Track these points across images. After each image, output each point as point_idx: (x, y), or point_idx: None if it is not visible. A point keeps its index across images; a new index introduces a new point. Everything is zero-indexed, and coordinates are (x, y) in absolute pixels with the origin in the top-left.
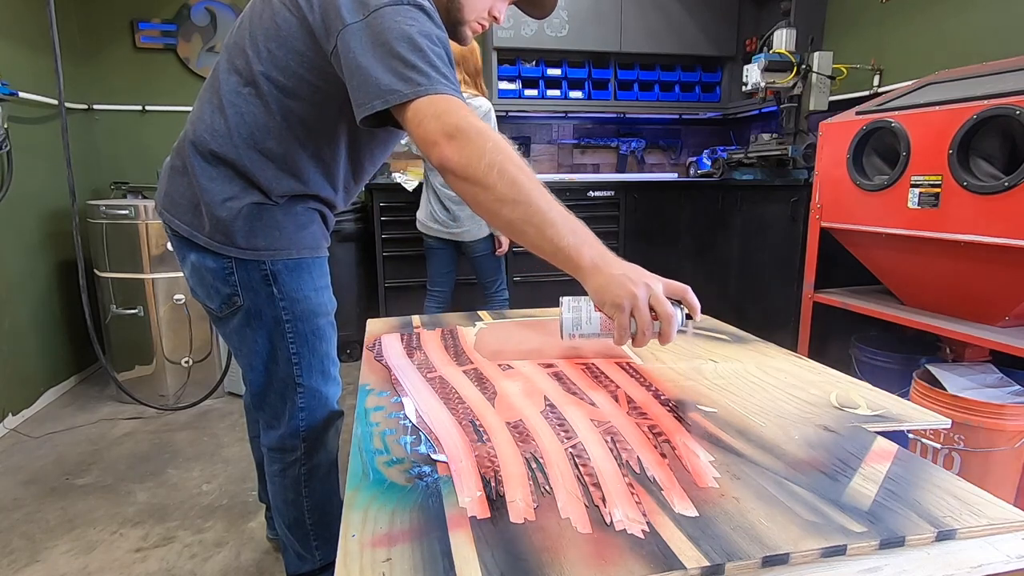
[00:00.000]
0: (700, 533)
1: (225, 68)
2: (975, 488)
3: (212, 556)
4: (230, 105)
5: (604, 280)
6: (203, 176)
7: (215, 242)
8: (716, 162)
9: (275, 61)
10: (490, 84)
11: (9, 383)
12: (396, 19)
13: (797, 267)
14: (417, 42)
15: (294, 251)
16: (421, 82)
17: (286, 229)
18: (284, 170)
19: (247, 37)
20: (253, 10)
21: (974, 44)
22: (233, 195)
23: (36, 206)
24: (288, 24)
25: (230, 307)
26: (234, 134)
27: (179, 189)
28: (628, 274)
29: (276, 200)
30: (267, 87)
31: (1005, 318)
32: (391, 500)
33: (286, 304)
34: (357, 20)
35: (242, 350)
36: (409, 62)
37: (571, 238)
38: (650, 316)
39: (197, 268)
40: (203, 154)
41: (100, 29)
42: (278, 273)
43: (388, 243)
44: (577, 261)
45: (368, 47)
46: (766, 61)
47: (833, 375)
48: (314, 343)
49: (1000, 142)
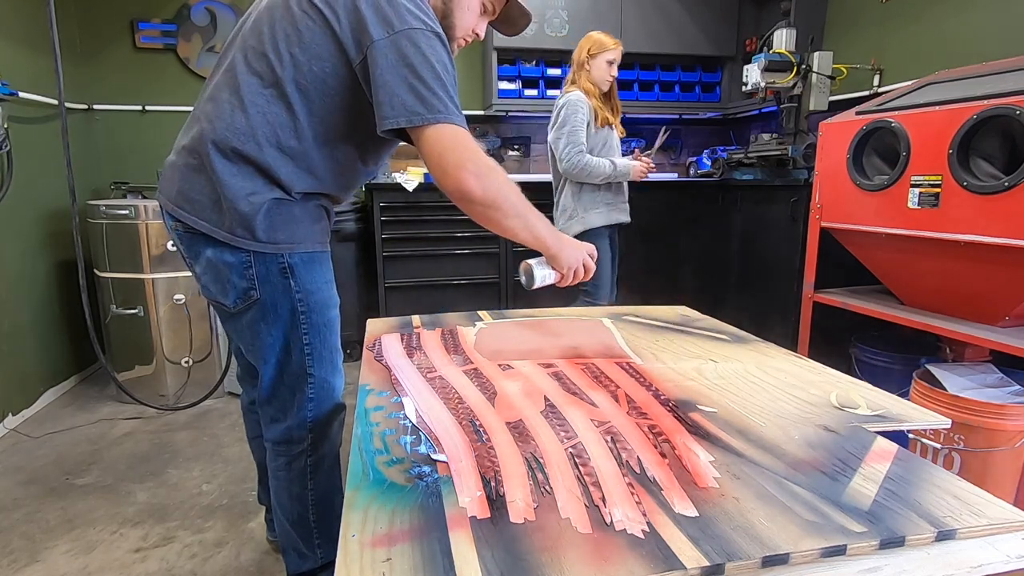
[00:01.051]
0: (700, 533)
1: (244, 70)
2: (975, 488)
3: (212, 556)
4: (252, 105)
5: (564, 255)
6: (225, 173)
7: (236, 236)
8: (716, 162)
9: (298, 66)
10: (490, 84)
11: (9, 383)
12: (420, 43)
13: (797, 267)
14: (437, 70)
15: (308, 244)
16: (440, 109)
17: (303, 223)
18: (303, 168)
19: (267, 41)
20: (272, 14)
21: (974, 44)
22: (255, 190)
23: (36, 206)
24: (311, 32)
25: (246, 301)
26: (256, 132)
27: (196, 187)
28: (575, 246)
29: (295, 196)
30: (290, 89)
31: (1005, 318)
32: (391, 500)
33: (302, 296)
34: (383, 37)
35: (255, 344)
36: (431, 88)
37: (545, 231)
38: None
39: (213, 263)
40: (224, 151)
41: (100, 29)
42: (295, 266)
43: (388, 243)
44: (547, 244)
45: (395, 65)
46: (766, 61)
47: (833, 375)
48: (326, 334)
49: (1000, 142)
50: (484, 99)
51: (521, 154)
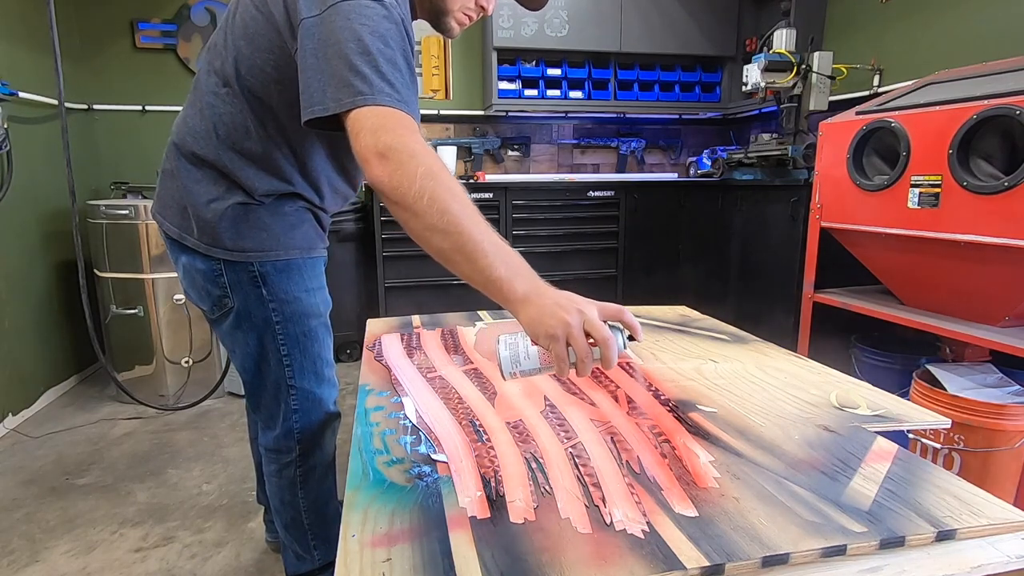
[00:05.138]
0: (700, 533)
1: (205, 69)
2: (975, 488)
3: (212, 556)
4: (208, 106)
5: (536, 311)
6: (188, 178)
7: (203, 244)
8: (716, 162)
9: (244, 60)
10: (490, 84)
11: (9, 383)
12: (350, 17)
13: (797, 267)
14: (367, 44)
15: (282, 252)
16: (363, 91)
17: (273, 230)
18: (265, 169)
19: (223, 38)
20: (229, 10)
21: (974, 44)
22: (217, 196)
23: (36, 206)
24: (255, 22)
25: (221, 309)
26: (213, 135)
27: (169, 192)
28: (559, 302)
29: (260, 200)
30: (238, 86)
31: (1005, 318)
32: (391, 500)
33: (276, 305)
34: (312, 15)
35: (235, 351)
36: (354, 67)
37: (503, 269)
38: (587, 343)
39: (188, 270)
40: (187, 156)
41: (100, 29)
42: (267, 274)
43: (388, 243)
44: (508, 293)
45: (318, 47)
46: (766, 61)
47: (833, 375)
48: (306, 345)
49: (1000, 142)
50: (484, 99)
51: (521, 154)
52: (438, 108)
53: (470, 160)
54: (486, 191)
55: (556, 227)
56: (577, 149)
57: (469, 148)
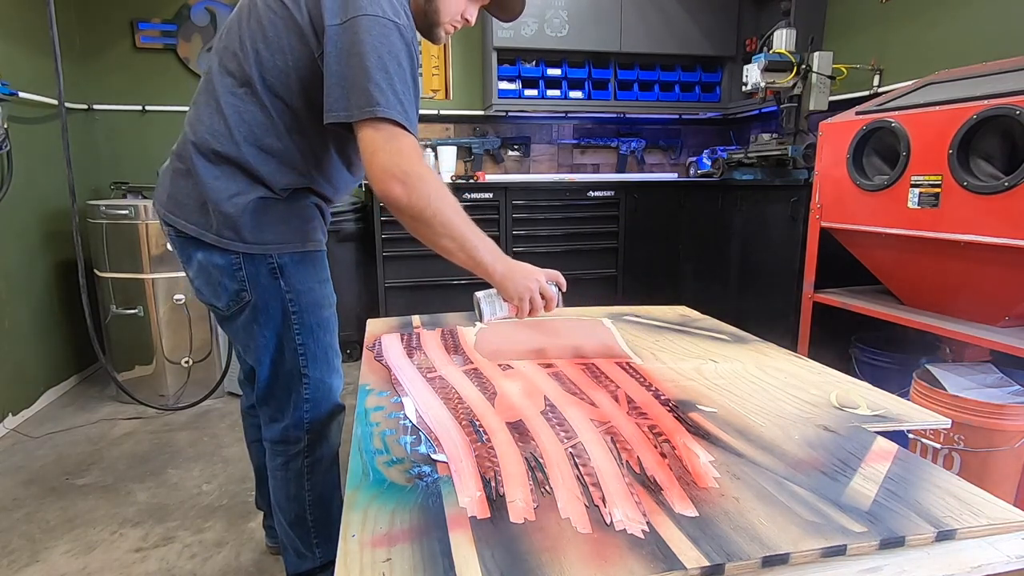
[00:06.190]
0: (700, 533)
1: (218, 71)
2: (975, 488)
3: (212, 556)
4: (228, 106)
5: (510, 282)
6: (208, 175)
7: (223, 238)
8: (716, 162)
9: (263, 61)
10: (490, 84)
11: (9, 383)
12: (371, 32)
13: (797, 267)
14: (385, 61)
15: (299, 244)
16: (380, 103)
17: (291, 223)
18: (285, 164)
19: (236, 40)
20: (240, 13)
21: (974, 44)
22: (239, 191)
23: (36, 206)
24: (274, 26)
25: (238, 303)
26: (234, 133)
27: (184, 191)
28: (524, 273)
29: (279, 194)
30: (259, 87)
31: (1005, 318)
32: (391, 500)
33: (292, 296)
34: (335, 23)
35: (249, 346)
36: (374, 79)
37: (488, 256)
38: (540, 299)
39: (204, 266)
40: (206, 154)
41: (100, 29)
42: (284, 266)
43: (388, 243)
44: (491, 271)
45: (342, 54)
46: (766, 61)
47: (833, 375)
48: (319, 334)
49: (1000, 142)
50: (484, 99)
51: (521, 154)
52: (438, 108)
53: (470, 160)
54: (486, 191)
55: (556, 227)
56: (577, 149)
57: (469, 148)
